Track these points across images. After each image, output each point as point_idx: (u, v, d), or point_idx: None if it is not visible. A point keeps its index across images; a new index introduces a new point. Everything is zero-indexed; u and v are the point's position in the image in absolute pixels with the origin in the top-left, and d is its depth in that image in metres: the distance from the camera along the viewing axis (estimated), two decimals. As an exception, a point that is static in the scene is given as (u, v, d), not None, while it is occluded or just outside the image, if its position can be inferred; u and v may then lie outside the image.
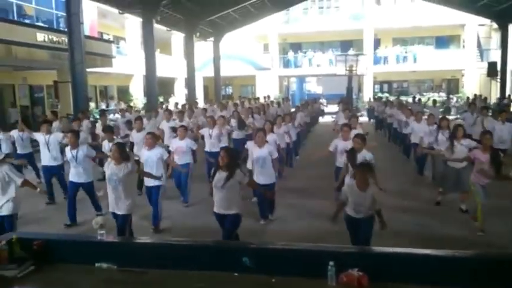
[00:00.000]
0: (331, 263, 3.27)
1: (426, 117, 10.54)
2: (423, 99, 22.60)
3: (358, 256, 3.58)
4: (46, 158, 8.50)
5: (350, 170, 5.95)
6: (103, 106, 23.75)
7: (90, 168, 7.55)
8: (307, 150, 14.67)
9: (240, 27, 28.09)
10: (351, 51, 31.65)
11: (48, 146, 8.43)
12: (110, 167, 5.53)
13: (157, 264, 3.64)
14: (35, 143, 9.77)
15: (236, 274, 3.50)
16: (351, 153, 6.14)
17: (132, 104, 21.72)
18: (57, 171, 8.62)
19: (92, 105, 21.95)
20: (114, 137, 8.55)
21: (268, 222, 7.18)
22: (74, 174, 7.34)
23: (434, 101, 18.20)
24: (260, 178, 6.83)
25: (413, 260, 3.44)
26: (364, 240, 4.85)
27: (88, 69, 14.27)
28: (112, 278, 3.58)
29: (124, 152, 5.64)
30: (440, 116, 10.20)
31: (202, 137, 9.96)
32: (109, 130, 8.71)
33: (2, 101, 18.93)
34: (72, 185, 7.40)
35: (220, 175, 5.12)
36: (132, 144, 9.13)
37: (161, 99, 23.89)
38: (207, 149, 9.66)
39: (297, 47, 35.52)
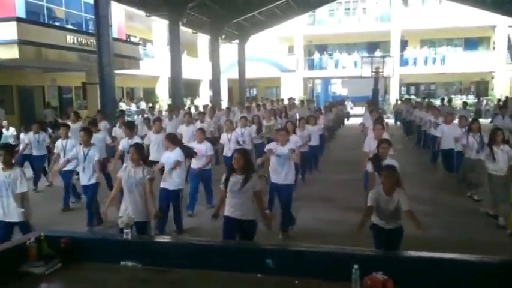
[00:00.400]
0: (355, 266, 3.22)
1: (457, 119, 10.25)
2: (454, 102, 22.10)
3: (382, 260, 3.52)
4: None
5: (377, 177, 5.48)
6: (132, 107, 24.03)
7: (95, 170, 7.13)
8: (331, 154, 14.58)
9: (265, 29, 28.09)
10: (377, 53, 31.30)
11: (65, 151, 8.13)
12: (127, 169, 5.28)
13: (181, 264, 3.66)
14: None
15: (259, 275, 3.49)
16: (376, 159, 5.88)
17: (157, 106, 21.94)
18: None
19: (123, 105, 22.31)
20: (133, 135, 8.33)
21: (285, 237, 6.65)
22: (81, 175, 7.20)
23: (465, 103, 17.74)
24: (279, 178, 6.72)
25: (439, 265, 3.37)
26: None
27: (116, 71, 14.50)
28: (136, 276, 3.61)
29: (142, 154, 5.44)
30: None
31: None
32: (128, 126, 8.54)
33: (32, 101, 19.41)
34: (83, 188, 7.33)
35: (236, 179, 4.84)
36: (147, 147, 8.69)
37: (188, 101, 24.12)
38: (225, 153, 9.63)
39: (322, 48, 35.34)
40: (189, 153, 7.22)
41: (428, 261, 3.45)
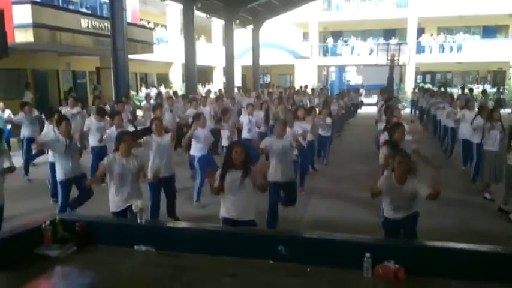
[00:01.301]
0: (367, 254, 3.23)
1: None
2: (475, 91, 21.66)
3: (395, 248, 3.51)
4: None
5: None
6: (145, 91, 24.06)
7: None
8: (342, 144, 14.48)
9: (280, 14, 27.78)
10: (394, 40, 30.88)
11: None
12: (117, 161, 5.05)
13: (194, 249, 3.69)
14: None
15: (271, 262, 3.51)
16: (394, 144, 5.55)
17: (170, 91, 21.95)
18: None
19: (132, 92, 22.35)
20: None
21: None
22: None
23: (484, 92, 17.38)
24: (280, 175, 6.05)
25: (451, 254, 3.35)
26: None
27: (129, 56, 14.52)
28: (150, 260, 3.66)
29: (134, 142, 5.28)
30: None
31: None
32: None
33: (47, 85, 19.56)
34: None
35: (235, 174, 4.36)
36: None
37: (200, 87, 24.08)
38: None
39: (337, 35, 34.94)
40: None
41: (440, 251, 3.44)
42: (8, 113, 11.76)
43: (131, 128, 8.31)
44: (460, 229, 6.39)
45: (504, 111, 17.60)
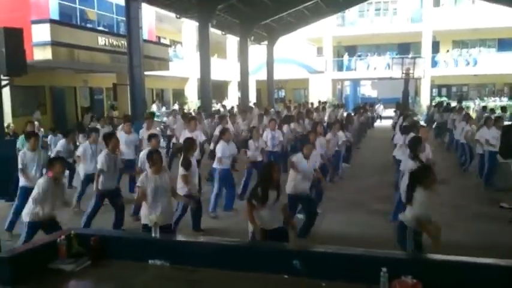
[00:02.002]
0: (383, 269, 3.16)
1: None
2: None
3: (412, 263, 3.45)
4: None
5: None
6: (161, 108, 24.32)
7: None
8: (358, 157, 14.38)
9: (294, 30, 28.00)
10: (410, 54, 30.78)
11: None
12: (151, 177, 5.35)
13: (209, 263, 3.66)
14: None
15: (286, 277, 3.46)
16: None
17: (185, 107, 22.15)
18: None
19: (154, 107, 22.59)
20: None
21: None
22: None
23: (504, 108, 17.35)
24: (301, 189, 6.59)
25: (470, 270, 3.27)
26: None
27: (146, 72, 14.70)
28: (164, 275, 3.64)
29: (160, 161, 5.44)
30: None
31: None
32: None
33: (64, 102, 19.86)
34: None
35: (272, 194, 4.76)
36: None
37: (214, 103, 24.22)
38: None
39: (352, 50, 35.00)
40: None
41: (458, 265, 3.35)
42: None
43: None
44: (478, 243, 6.26)
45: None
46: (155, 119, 15.58)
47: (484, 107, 20.08)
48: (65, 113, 19.50)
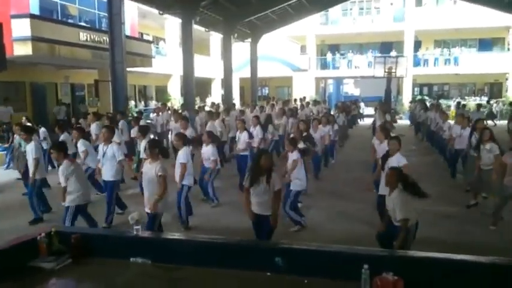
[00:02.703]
0: (365, 266, 3.19)
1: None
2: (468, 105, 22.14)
3: (393, 260, 3.48)
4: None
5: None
6: (141, 106, 24.19)
7: (116, 167, 7.37)
8: (342, 154, 14.51)
9: (277, 28, 28.03)
10: (391, 53, 31.09)
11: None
12: (145, 165, 5.65)
13: (191, 261, 3.65)
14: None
15: (268, 274, 3.47)
16: (386, 156, 6.22)
17: (169, 104, 22.03)
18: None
19: (132, 103, 22.42)
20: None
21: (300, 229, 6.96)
22: (103, 172, 7.40)
23: (479, 106, 17.73)
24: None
25: (450, 266, 3.32)
26: None
27: (128, 69, 14.57)
28: (146, 273, 3.62)
29: (156, 149, 5.64)
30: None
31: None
32: (142, 130, 8.84)
33: (45, 98, 19.59)
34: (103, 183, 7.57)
35: (262, 180, 5.10)
36: None
37: (198, 99, 24.16)
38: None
39: (335, 48, 35.20)
40: None
41: (439, 262, 3.40)
42: None
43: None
44: (458, 240, 6.37)
45: (495, 122, 17.77)
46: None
47: (459, 103, 20.56)
48: (45, 109, 19.22)
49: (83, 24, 18.27)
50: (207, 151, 8.01)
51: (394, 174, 4.89)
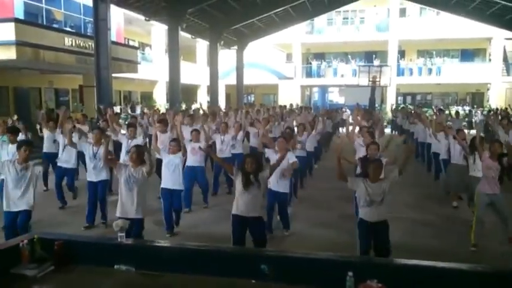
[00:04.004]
0: (349, 273, 3.22)
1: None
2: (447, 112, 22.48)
3: (377, 267, 3.52)
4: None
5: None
6: (128, 111, 24.03)
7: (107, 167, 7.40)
8: (327, 160, 14.57)
9: (264, 36, 28.19)
10: (375, 62, 31.46)
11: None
12: (128, 169, 5.48)
13: (175, 269, 3.64)
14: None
15: (254, 281, 3.47)
16: (365, 159, 6.28)
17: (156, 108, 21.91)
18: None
19: (116, 109, 22.26)
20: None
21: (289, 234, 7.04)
22: (92, 173, 7.35)
23: (457, 113, 18.02)
24: (276, 186, 6.73)
25: (434, 273, 3.37)
26: (385, 251, 4.80)
27: (113, 74, 14.49)
28: (130, 280, 3.60)
29: (142, 156, 5.58)
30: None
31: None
32: (131, 126, 8.83)
33: (28, 103, 19.36)
34: (90, 185, 7.41)
35: (245, 182, 5.15)
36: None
37: (184, 106, 24.08)
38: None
39: (320, 57, 35.49)
40: None
41: (422, 269, 3.45)
42: None
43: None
44: (441, 247, 6.43)
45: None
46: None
47: (440, 109, 20.93)
48: (29, 114, 18.96)
49: (68, 29, 18.15)
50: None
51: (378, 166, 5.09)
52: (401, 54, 33.20)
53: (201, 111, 14.68)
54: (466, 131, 10.25)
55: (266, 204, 6.57)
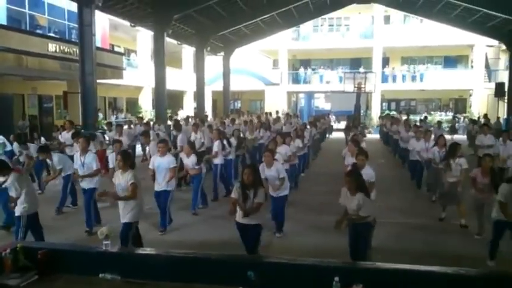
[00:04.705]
0: (336, 278, 3.24)
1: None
2: (429, 118, 22.92)
3: (363, 272, 3.54)
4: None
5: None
6: (112, 119, 23.86)
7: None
8: (315, 167, 14.65)
9: (250, 42, 28.29)
10: (360, 69, 31.75)
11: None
12: (117, 176, 5.68)
13: (161, 276, 3.61)
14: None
15: (241, 288, 3.47)
16: (354, 168, 6.36)
17: (141, 116, 21.82)
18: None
19: (100, 115, 22.09)
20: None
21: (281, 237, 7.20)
22: (83, 181, 7.56)
23: (439, 123, 18.32)
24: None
25: (418, 277, 3.40)
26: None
27: (98, 81, 14.38)
28: (115, 289, 3.56)
29: (128, 160, 5.76)
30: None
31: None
32: (116, 142, 8.98)
33: (11, 110, 19.10)
34: (83, 192, 7.62)
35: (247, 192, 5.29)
36: None
37: (169, 112, 24.03)
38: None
39: (306, 63, 35.70)
40: None
41: (407, 274, 3.48)
42: None
43: None
44: (425, 251, 6.48)
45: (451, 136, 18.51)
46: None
47: (425, 117, 21.42)
48: (11, 121, 18.72)
49: (52, 35, 17.98)
50: (190, 161, 8.31)
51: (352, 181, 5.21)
52: (386, 61, 33.56)
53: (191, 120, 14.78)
54: (449, 136, 10.47)
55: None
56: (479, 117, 24.27)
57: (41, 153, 8.65)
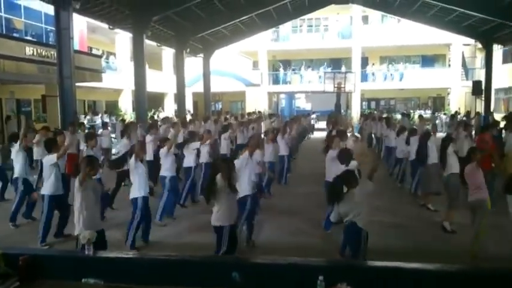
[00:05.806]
0: (320, 277, 3.25)
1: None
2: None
3: (347, 270, 3.57)
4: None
5: None
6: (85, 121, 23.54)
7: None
8: (296, 166, 14.70)
9: (230, 43, 28.24)
10: (342, 69, 32.01)
11: None
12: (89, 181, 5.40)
13: (145, 280, 3.59)
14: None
15: (225, 289, 3.47)
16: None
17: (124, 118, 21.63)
18: None
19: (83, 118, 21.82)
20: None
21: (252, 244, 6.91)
22: (56, 187, 7.03)
23: (421, 117, 18.55)
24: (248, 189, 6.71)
25: (403, 274, 3.44)
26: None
27: (77, 84, 14.21)
28: (99, 293, 3.53)
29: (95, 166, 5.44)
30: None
31: None
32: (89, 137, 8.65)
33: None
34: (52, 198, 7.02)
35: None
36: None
37: (150, 114, 23.89)
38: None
39: (286, 64, 35.86)
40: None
41: (392, 271, 3.52)
42: None
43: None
44: (411, 248, 6.58)
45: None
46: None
47: (403, 113, 21.79)
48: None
49: (29, 38, 17.70)
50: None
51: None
52: (365, 60, 33.91)
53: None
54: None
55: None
56: (456, 112, 24.73)
57: None
